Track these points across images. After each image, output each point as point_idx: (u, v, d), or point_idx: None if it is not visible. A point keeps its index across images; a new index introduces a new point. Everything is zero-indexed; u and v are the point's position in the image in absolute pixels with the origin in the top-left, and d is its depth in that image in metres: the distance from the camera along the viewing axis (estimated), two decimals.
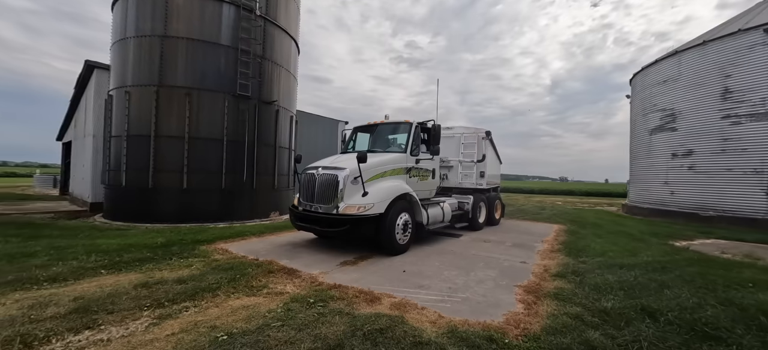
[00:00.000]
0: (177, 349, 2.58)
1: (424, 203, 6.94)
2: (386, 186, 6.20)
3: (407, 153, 6.83)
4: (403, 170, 6.74)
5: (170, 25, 9.09)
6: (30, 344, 2.65)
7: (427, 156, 7.23)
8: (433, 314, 3.50)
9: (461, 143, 9.97)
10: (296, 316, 3.27)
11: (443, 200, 7.91)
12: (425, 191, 7.32)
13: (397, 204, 6.12)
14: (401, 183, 6.51)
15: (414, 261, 5.80)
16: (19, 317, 3.10)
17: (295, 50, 12.60)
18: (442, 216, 7.42)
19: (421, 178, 7.14)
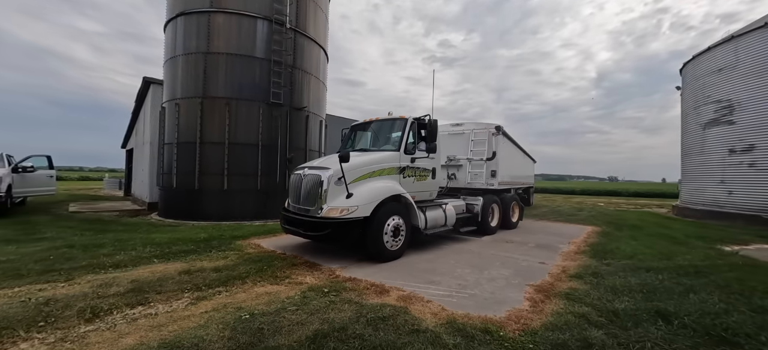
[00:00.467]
0: (208, 323, 3.05)
1: (422, 205, 6.51)
2: (374, 187, 5.72)
3: (401, 151, 6.29)
4: (395, 170, 6.21)
5: (212, 43, 10.07)
6: (97, 314, 3.27)
7: (424, 154, 6.64)
8: (436, 307, 3.69)
9: (470, 140, 9.29)
10: (310, 302, 3.64)
11: (446, 202, 7.30)
12: (424, 192, 6.74)
13: (387, 206, 5.66)
14: (392, 183, 6.02)
15: (430, 258, 5.98)
16: (90, 293, 3.80)
17: (324, 58, 13.25)
18: (444, 219, 6.88)
19: (419, 178, 6.60)
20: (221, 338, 2.80)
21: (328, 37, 13.64)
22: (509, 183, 10.17)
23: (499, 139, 9.17)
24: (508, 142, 10.04)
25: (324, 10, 12.93)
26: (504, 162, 9.43)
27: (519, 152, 11.71)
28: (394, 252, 5.73)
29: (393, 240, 5.71)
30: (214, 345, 2.69)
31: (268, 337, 2.84)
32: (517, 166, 11.24)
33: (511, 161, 10.44)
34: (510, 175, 10.25)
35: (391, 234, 5.68)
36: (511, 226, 9.54)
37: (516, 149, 11.22)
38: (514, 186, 10.86)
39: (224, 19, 10.15)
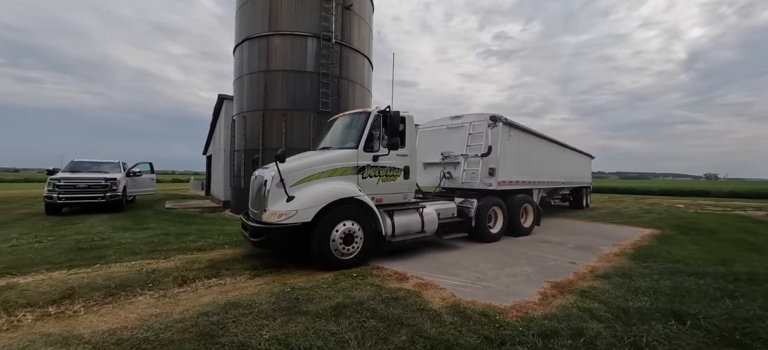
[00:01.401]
0: (260, 292, 3.95)
1: (390, 209, 5.84)
2: (319, 189, 5.15)
3: (359, 148, 5.58)
4: (351, 169, 5.53)
5: (270, 62, 11.57)
6: (185, 281, 4.40)
7: (392, 151, 5.80)
8: (447, 294, 4.14)
9: (468, 134, 8.18)
10: (339, 283, 4.36)
11: (425, 205, 6.46)
12: (393, 194, 6.01)
13: (336, 210, 5.09)
14: (344, 185, 5.37)
15: (458, 255, 6.33)
16: (180, 267, 5.03)
17: (368, 66, 14.13)
18: (420, 225, 6.10)
19: (385, 179, 5.86)
20: (268, 302, 3.65)
21: (372, 46, 14.51)
22: (528, 183, 9.11)
23: (499, 131, 7.76)
24: (520, 135, 8.71)
25: (367, 22, 13.82)
26: (510, 158, 8.22)
27: (547, 147, 10.53)
28: (346, 261, 5.11)
29: (344, 247, 5.12)
30: (262, 305, 3.55)
31: (302, 304, 3.62)
32: (541, 162, 9.98)
33: (528, 157, 9.15)
34: (528, 174, 9.16)
35: (341, 241, 5.08)
36: (523, 232, 8.26)
37: (538, 143, 9.95)
38: (539, 186, 9.87)
39: (280, 41, 11.58)
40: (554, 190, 12.20)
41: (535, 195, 9.56)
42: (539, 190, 10.00)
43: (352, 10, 12.63)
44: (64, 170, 12.29)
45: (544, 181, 10.28)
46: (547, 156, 10.44)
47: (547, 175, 10.37)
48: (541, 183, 10.05)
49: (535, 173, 9.50)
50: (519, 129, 8.66)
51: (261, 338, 2.86)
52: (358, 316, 3.34)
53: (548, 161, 10.47)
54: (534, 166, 9.44)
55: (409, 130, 6.21)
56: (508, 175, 8.15)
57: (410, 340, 2.91)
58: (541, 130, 10.84)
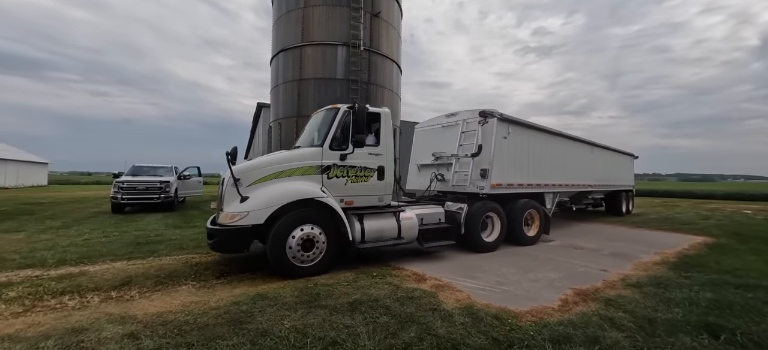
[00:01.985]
0: (285, 286, 4.29)
1: (361, 212, 5.46)
2: (275, 189, 4.85)
3: (324, 147, 5.26)
4: (315, 169, 5.18)
5: (303, 71, 12.22)
6: (222, 274, 4.89)
7: (364, 150, 5.49)
8: (463, 296, 4.20)
9: (461, 132, 7.44)
10: (359, 281, 4.59)
11: (404, 208, 6.03)
12: (366, 196, 5.59)
13: (295, 212, 4.78)
14: (305, 185, 5.03)
15: (482, 257, 6.30)
16: (219, 262, 5.57)
17: (397, 71, 14.37)
18: (397, 231, 5.63)
19: (355, 179, 5.46)
20: (292, 295, 3.97)
21: (400, 50, 14.74)
22: (536, 186, 8.15)
23: (493, 128, 6.88)
24: (522, 132, 7.73)
25: (396, 28, 14.07)
26: (507, 158, 7.29)
27: (565, 146, 9.41)
28: (305, 268, 4.76)
29: (303, 253, 4.78)
30: (287, 298, 3.87)
31: (322, 299, 3.89)
32: (557, 163, 8.95)
33: (536, 157, 8.11)
34: (536, 176, 8.18)
35: (299, 246, 4.74)
36: (526, 241, 7.43)
37: (552, 141, 8.88)
38: (554, 190, 8.81)
39: (312, 51, 12.19)
40: (580, 194, 11.11)
41: (548, 199, 8.64)
42: (555, 194, 8.97)
43: (380, 17, 12.96)
44: (126, 174, 13.87)
45: (562, 184, 9.19)
46: (567, 155, 9.39)
47: (566, 176, 9.31)
48: (557, 187, 8.99)
49: (547, 175, 8.56)
50: (521, 125, 7.72)
51: (282, 327, 3.16)
52: (372, 312, 3.54)
53: (568, 161, 9.43)
54: (545, 167, 8.49)
55: (385, 128, 5.80)
56: (504, 177, 7.28)
57: (418, 337, 3.05)
58: (586, 129, 10.45)
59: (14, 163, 33.99)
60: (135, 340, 2.89)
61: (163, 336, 2.95)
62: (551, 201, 8.87)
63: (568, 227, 10.42)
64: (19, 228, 8.90)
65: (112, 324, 3.20)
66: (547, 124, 9.17)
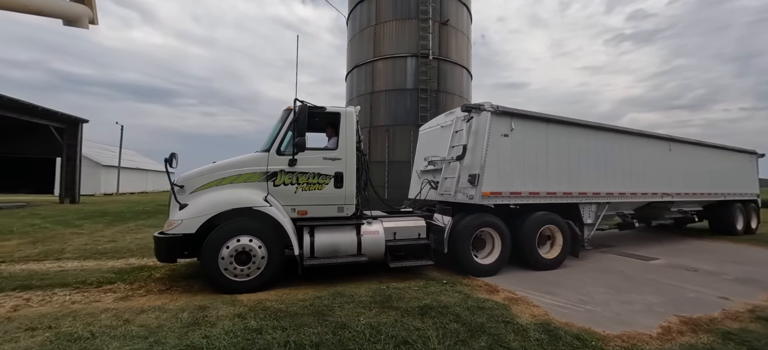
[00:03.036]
0: (360, 287, 4.64)
1: (313, 224, 4.95)
2: (212, 197, 4.59)
3: (271, 151, 4.88)
4: (259, 175, 4.82)
5: (375, 84, 12.92)
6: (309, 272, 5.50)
7: (326, 153, 5.11)
8: (540, 311, 3.99)
9: (454, 131, 6.32)
10: (429, 287, 4.71)
11: (369, 221, 5.31)
12: (321, 206, 5.05)
13: (233, 222, 4.46)
14: (244, 193, 4.69)
15: (562, 273, 5.84)
16: None
17: (467, 76, 14.14)
18: (355, 246, 4.99)
19: (307, 187, 4.94)
20: (367, 295, 4.30)
21: (470, 56, 14.49)
22: (561, 195, 6.38)
23: (486, 124, 5.60)
24: (536, 128, 6.18)
25: (465, 33, 13.90)
26: (510, 160, 5.85)
27: (624, 143, 7.45)
28: (238, 283, 4.38)
29: (238, 267, 4.40)
30: (362, 297, 4.22)
31: (394, 301, 4.13)
32: (606, 165, 7.01)
33: (560, 158, 6.39)
34: (562, 182, 6.36)
35: (232, 259, 4.38)
36: (543, 265, 5.94)
37: (594, 137, 6.95)
38: (596, 200, 6.84)
39: (383, 64, 12.83)
40: (655, 207, 8.52)
41: (586, 212, 6.75)
42: (600, 205, 6.96)
43: (449, 25, 12.99)
44: None
45: (614, 193, 7.11)
46: (623, 155, 7.38)
47: (621, 183, 7.29)
48: (604, 196, 6.91)
49: (584, 180, 6.66)
50: (532, 118, 6.16)
51: (358, 322, 3.47)
52: (442, 318, 3.63)
53: (626, 163, 7.38)
54: (580, 170, 6.62)
55: (346, 130, 5.20)
56: (505, 184, 5.78)
57: (488, 347, 3.04)
58: (705, 126, 9.22)
59: (152, 172, 42.94)
60: (243, 320, 3.51)
61: (263, 319, 3.51)
62: (593, 214, 6.87)
63: (674, 244, 8.83)
64: (159, 225, 11.30)
65: (225, 305, 3.93)
66: (647, 123, 7.81)
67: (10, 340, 3.02)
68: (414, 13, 12.59)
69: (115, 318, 3.54)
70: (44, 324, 3.35)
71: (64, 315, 3.57)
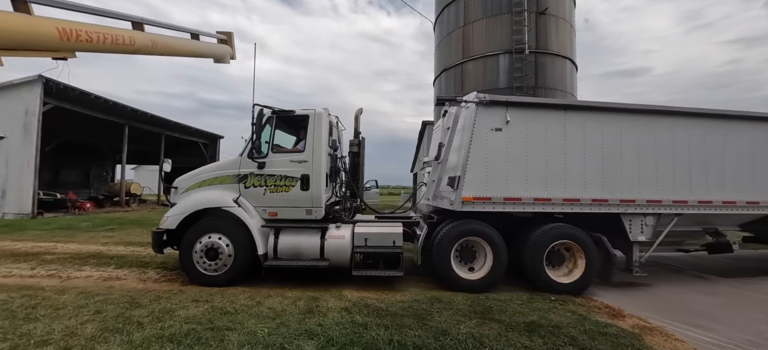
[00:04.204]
0: (457, 296, 4.54)
1: (277, 226, 5.03)
2: (192, 197, 5.12)
3: (244, 155, 5.08)
4: (231, 178, 5.12)
5: (465, 86, 12.55)
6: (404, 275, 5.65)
7: (292, 156, 5.12)
8: (686, 347, 3.23)
9: (446, 128, 5.58)
10: (534, 302, 4.30)
11: (338, 225, 5.16)
12: (289, 208, 5.07)
13: (204, 221, 4.94)
14: (216, 194, 5.06)
15: (717, 303, 4.63)
16: None
17: (571, 67, 12.57)
18: (319, 251, 4.91)
19: (274, 189, 5.04)
20: (464, 303, 4.18)
21: (574, 44, 12.85)
22: (592, 204, 4.98)
23: (470, 119, 4.89)
24: (544, 117, 5.05)
25: (568, 19, 12.41)
26: (512, 159, 4.96)
27: (705, 128, 5.31)
28: (208, 276, 4.81)
29: (208, 262, 4.83)
30: (460, 305, 4.11)
31: (495, 313, 3.90)
32: (674, 161, 5.21)
33: (600, 152, 5.07)
34: (598, 186, 5.01)
35: (204, 254, 4.82)
36: (555, 288, 4.80)
37: (645, 122, 5.20)
38: (647, 211, 5.08)
39: (472, 65, 12.39)
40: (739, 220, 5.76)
41: (634, 226, 5.15)
42: (656, 217, 5.17)
43: (547, 14, 11.80)
44: None
45: (690, 201, 5.19)
46: (708, 146, 5.31)
47: (703, 186, 5.23)
48: (670, 205, 5.15)
49: (629, 184, 5.11)
50: (537, 107, 5.19)
51: (459, 331, 3.39)
52: (553, 339, 3.26)
53: (713, 158, 5.32)
54: (627, 170, 5.12)
55: (314, 132, 5.11)
56: (493, 188, 4.93)
57: None
58: None
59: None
60: (349, 313, 3.80)
61: (367, 316, 3.74)
62: (648, 229, 5.16)
63: None
64: None
65: (333, 298, 4.32)
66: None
67: (183, 307, 3.91)
68: (506, 7, 11.83)
69: (250, 299, 4.25)
70: (203, 298, 4.24)
71: (214, 294, 4.45)
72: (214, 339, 3.12)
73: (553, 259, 5.01)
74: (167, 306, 3.93)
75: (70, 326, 3.33)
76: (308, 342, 3.12)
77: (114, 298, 4.16)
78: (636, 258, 5.10)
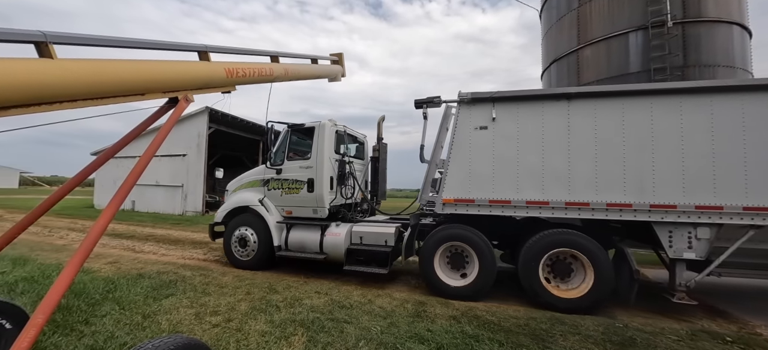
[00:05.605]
0: (584, 318, 3.91)
1: (290, 222, 5.90)
2: (232, 198, 6.34)
3: (267, 163, 6.00)
4: (259, 182, 6.19)
5: (581, 76, 10.90)
6: None
7: (300, 163, 5.82)
8: None
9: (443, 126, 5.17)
10: (697, 342, 3.37)
11: (337, 224, 5.67)
12: (300, 207, 5.86)
13: (240, 216, 6.10)
14: (248, 195, 6.20)
15: None
16: None
17: (741, 34, 9.56)
18: (318, 245, 5.57)
19: (288, 191, 5.90)
20: (596, 329, 3.56)
21: (744, 4, 9.75)
22: (654, 211, 3.86)
23: (452, 118, 4.84)
24: (545, 109, 4.36)
25: None
26: (500, 159, 4.56)
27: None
28: (242, 261, 5.97)
29: (241, 250, 5.98)
30: (590, 330, 3.53)
31: (638, 346, 3.21)
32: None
33: (621, 146, 4.10)
34: (618, 187, 4.07)
35: (237, 243, 6.00)
36: (550, 304, 4.12)
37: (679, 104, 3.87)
38: (695, 220, 3.72)
39: (591, 51, 10.65)
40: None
41: (677, 240, 3.94)
42: (712, 228, 3.86)
43: None
44: None
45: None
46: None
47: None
48: (737, 212, 3.75)
49: (664, 185, 3.97)
50: (531, 100, 4.58)
51: None
52: None
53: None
54: (662, 168, 3.99)
55: (318, 141, 5.71)
56: (478, 190, 4.65)
57: None
58: None
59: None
60: (458, 323, 3.69)
61: (477, 328, 3.57)
62: (702, 245, 3.91)
63: None
64: None
65: (440, 305, 4.28)
66: None
67: (308, 297, 4.46)
68: None
69: (362, 296, 4.57)
70: (322, 291, 4.75)
71: (331, 288, 4.95)
72: (335, 329, 3.46)
73: (560, 271, 4.35)
74: (296, 294, 4.56)
75: (230, 302, 4.18)
76: (419, 346, 3.16)
77: (258, 282, 5.04)
78: (681, 281, 4.02)
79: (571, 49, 11.37)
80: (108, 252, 7.19)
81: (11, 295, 4.08)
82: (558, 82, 11.97)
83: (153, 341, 1.85)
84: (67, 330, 3.24)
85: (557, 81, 12.02)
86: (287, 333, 3.35)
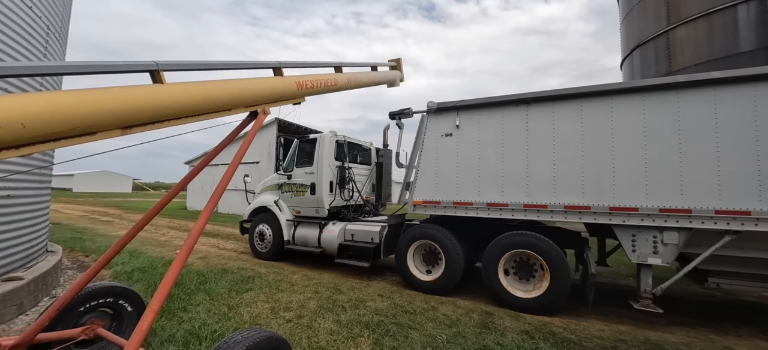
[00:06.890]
0: (624, 337, 3.32)
1: (297, 220, 6.76)
2: (256, 199, 7.42)
3: (279, 171, 7.09)
4: (275, 185, 7.13)
5: (673, 61, 9.41)
6: None
7: (305, 169, 6.63)
8: None
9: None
10: None
11: (334, 222, 6.37)
12: (306, 208, 6.68)
13: (261, 214, 7.12)
14: (267, 197, 7.17)
15: None
16: None
17: None
18: (317, 240, 6.31)
19: (296, 194, 6.73)
20: None
21: None
22: (617, 213, 3.81)
23: (424, 127, 5.26)
24: (506, 114, 4.59)
25: None
26: (464, 163, 4.86)
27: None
28: (262, 252, 6.98)
29: (261, 243, 7.01)
30: None
31: None
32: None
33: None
34: (576, 191, 4.07)
35: (258, 238, 7.04)
36: (510, 303, 4.32)
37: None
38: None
39: (687, 30, 9.13)
40: None
41: (639, 243, 3.82)
42: (679, 232, 3.64)
43: None
44: None
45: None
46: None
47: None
48: (686, 216, 3.55)
49: (625, 186, 3.87)
50: (490, 106, 4.73)
51: None
52: None
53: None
54: (623, 169, 3.89)
55: (319, 150, 6.46)
56: (443, 192, 4.96)
57: None
58: None
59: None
60: (531, 339, 3.42)
61: (554, 345, 3.26)
62: (668, 249, 3.67)
63: None
64: None
65: (509, 317, 4.01)
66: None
67: (371, 299, 4.55)
68: None
69: (425, 302, 4.50)
70: (386, 294, 4.80)
71: (393, 292, 4.97)
72: (399, 334, 3.46)
73: (525, 272, 4.42)
74: (360, 296, 4.68)
75: (300, 299, 4.45)
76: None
77: (324, 282, 5.30)
78: (646, 288, 3.80)
79: (659, 30, 9.90)
80: (198, 248, 8.23)
81: (129, 282, 4.89)
82: (643, 70, 10.52)
83: (242, 332, 2.04)
84: (169, 315, 3.76)
85: (642, 70, 10.57)
86: (354, 334, 3.44)
